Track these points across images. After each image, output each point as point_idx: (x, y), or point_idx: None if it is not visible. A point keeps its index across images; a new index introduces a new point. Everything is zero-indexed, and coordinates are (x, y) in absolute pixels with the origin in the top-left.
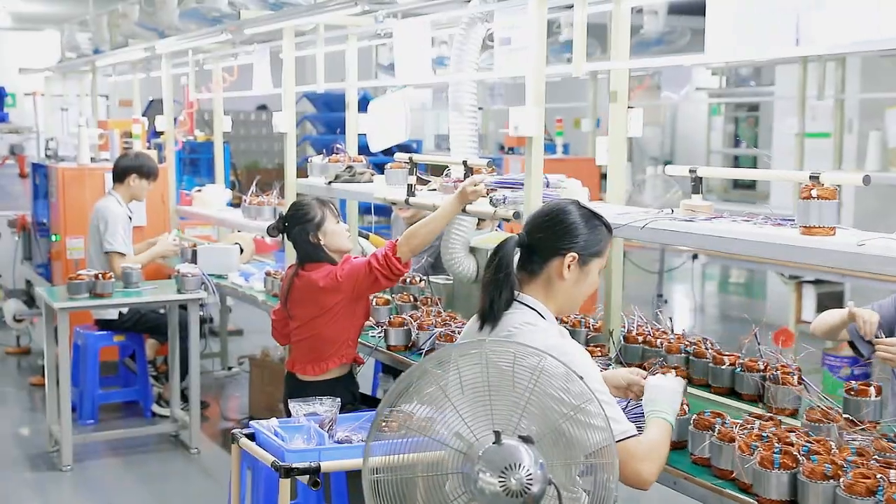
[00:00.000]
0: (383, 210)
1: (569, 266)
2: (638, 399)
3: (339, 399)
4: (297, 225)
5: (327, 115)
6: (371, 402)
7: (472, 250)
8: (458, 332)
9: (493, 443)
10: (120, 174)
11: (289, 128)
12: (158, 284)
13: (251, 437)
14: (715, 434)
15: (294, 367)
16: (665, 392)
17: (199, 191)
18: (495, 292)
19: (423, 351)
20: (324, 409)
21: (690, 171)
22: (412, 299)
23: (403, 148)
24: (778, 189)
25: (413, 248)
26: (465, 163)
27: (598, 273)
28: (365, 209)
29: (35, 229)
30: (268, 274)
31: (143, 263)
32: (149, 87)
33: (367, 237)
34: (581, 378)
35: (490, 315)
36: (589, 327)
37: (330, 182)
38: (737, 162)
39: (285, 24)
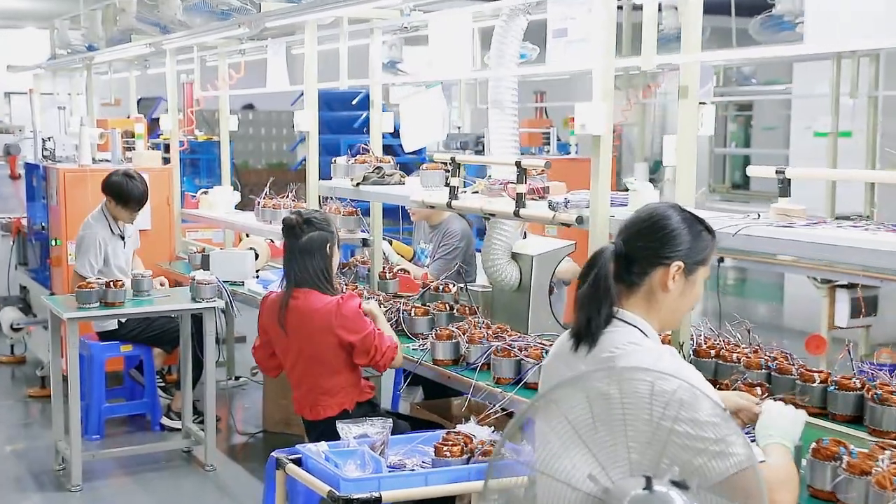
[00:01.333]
0: (393, 213)
1: (674, 277)
2: (745, 425)
3: (390, 420)
4: (318, 230)
5: (327, 115)
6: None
7: (515, 257)
8: (516, 347)
9: (644, 489)
10: (103, 193)
11: (311, 127)
12: (171, 292)
13: (297, 461)
14: (842, 465)
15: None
16: (786, 419)
17: (206, 193)
18: (593, 309)
19: (477, 366)
20: (375, 430)
21: (777, 171)
22: (447, 307)
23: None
24: (799, 189)
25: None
26: (518, 164)
27: (704, 283)
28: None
29: (30, 233)
30: None
31: None
32: (139, 85)
33: (390, 242)
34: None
35: (588, 335)
36: None
37: (358, 184)
38: (725, 162)
39: (309, 16)
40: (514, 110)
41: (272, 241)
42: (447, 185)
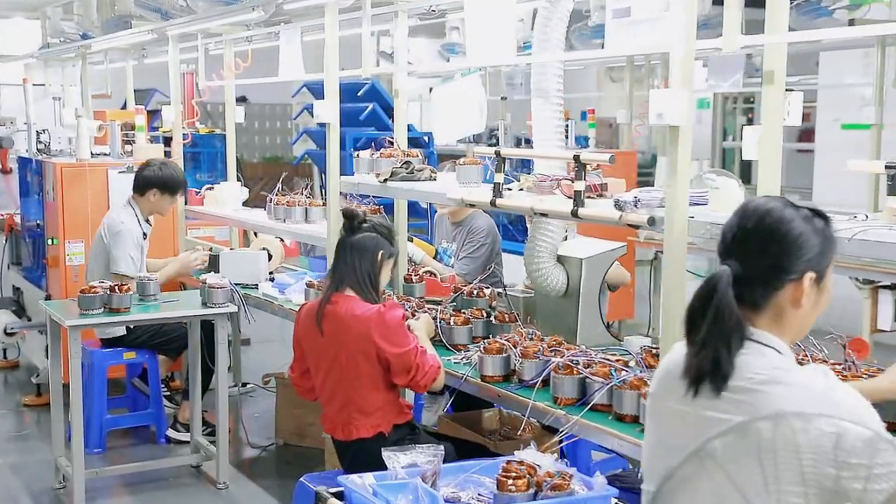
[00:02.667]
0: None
1: (806, 290)
2: None
3: (441, 447)
4: (376, 232)
5: None
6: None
7: (561, 259)
8: (580, 364)
9: None
10: (141, 186)
11: (332, 118)
12: (179, 296)
13: (340, 496)
14: None
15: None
16: None
17: (211, 188)
18: (721, 349)
19: (535, 384)
20: (425, 459)
21: (888, 166)
22: (484, 314)
23: (413, 141)
24: (822, 183)
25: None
26: (577, 158)
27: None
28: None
29: (24, 231)
30: (310, 285)
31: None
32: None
33: (411, 240)
34: None
35: (716, 376)
36: None
37: (385, 180)
38: (725, 156)
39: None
40: (560, 100)
41: (282, 240)
42: (486, 180)
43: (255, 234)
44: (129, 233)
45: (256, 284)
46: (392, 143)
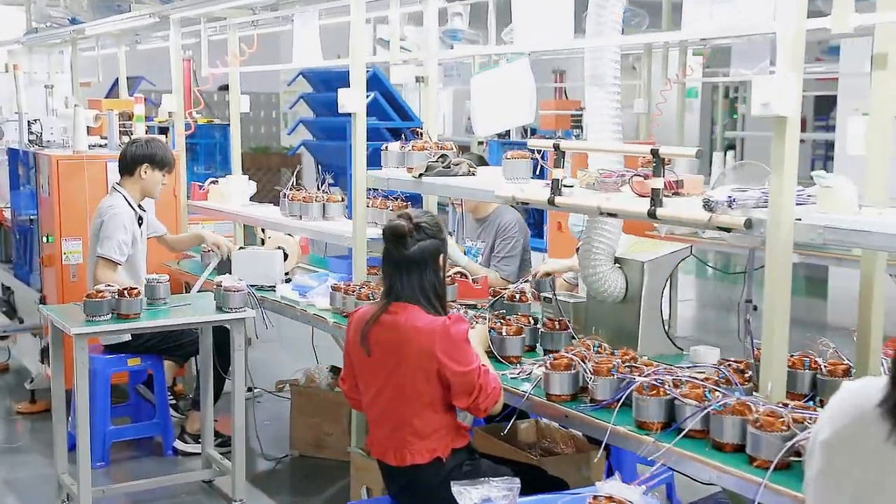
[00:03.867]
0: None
1: None
2: None
3: (517, 480)
4: (429, 237)
5: (326, 96)
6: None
7: (619, 262)
8: (665, 385)
9: None
10: (129, 165)
11: (359, 107)
12: (190, 300)
13: None
14: None
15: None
16: None
17: (215, 182)
18: None
19: (615, 404)
20: (499, 493)
21: None
22: (531, 321)
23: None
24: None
25: None
26: (655, 151)
27: None
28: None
29: (14, 226)
30: (336, 289)
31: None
32: (114, 65)
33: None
34: None
35: None
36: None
37: (420, 175)
38: (712, 146)
39: None
40: (617, 87)
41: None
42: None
43: (263, 230)
44: (118, 216)
45: (273, 286)
46: (419, 135)
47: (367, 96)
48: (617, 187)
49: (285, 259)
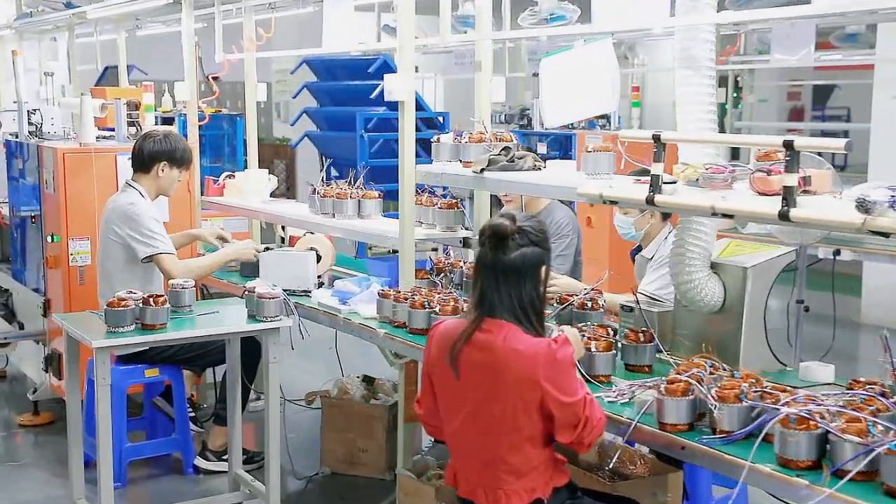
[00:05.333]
0: None
1: None
2: None
3: None
4: (533, 244)
5: (329, 85)
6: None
7: (715, 268)
8: (816, 417)
9: None
10: (145, 161)
11: (407, 95)
12: (217, 307)
13: None
14: None
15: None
16: None
17: (232, 176)
18: None
19: (740, 437)
20: None
21: None
22: (610, 332)
23: (427, 122)
24: (881, 164)
25: None
26: (789, 144)
27: None
28: None
29: (13, 223)
30: (384, 295)
31: (205, 272)
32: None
33: None
34: None
35: None
36: None
37: (483, 170)
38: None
39: None
40: (712, 71)
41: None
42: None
43: (284, 228)
44: (144, 212)
45: (306, 291)
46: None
47: (377, 85)
48: (727, 184)
49: (318, 261)
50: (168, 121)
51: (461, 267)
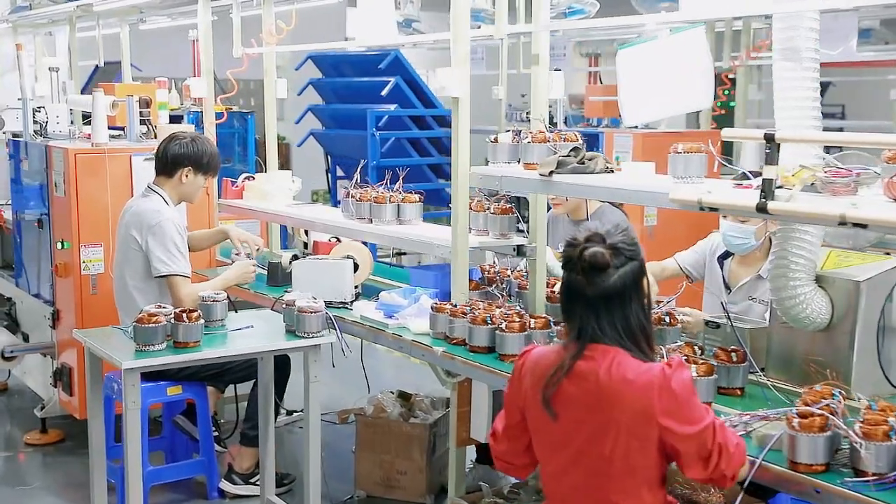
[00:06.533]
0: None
1: None
2: None
3: None
4: (628, 259)
5: (335, 81)
6: None
7: (821, 281)
8: None
9: None
10: (168, 166)
11: (462, 91)
12: (251, 321)
13: None
14: None
15: None
16: None
17: (251, 178)
18: None
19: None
20: None
21: None
22: (696, 351)
23: (439, 120)
24: None
25: None
26: None
27: None
28: None
29: (17, 228)
30: (438, 309)
31: (207, 244)
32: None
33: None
34: None
35: None
36: None
37: (551, 172)
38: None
39: None
40: (816, 63)
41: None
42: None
43: (307, 233)
44: (170, 223)
45: (344, 302)
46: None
47: (388, 82)
48: (851, 189)
49: (355, 270)
50: (176, 119)
51: (509, 276)
